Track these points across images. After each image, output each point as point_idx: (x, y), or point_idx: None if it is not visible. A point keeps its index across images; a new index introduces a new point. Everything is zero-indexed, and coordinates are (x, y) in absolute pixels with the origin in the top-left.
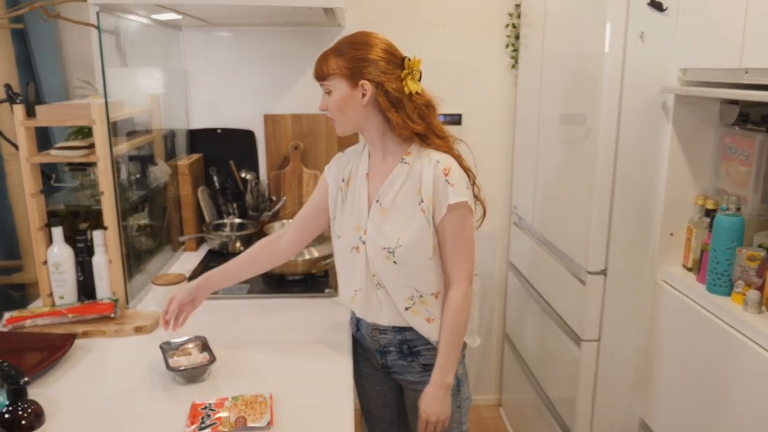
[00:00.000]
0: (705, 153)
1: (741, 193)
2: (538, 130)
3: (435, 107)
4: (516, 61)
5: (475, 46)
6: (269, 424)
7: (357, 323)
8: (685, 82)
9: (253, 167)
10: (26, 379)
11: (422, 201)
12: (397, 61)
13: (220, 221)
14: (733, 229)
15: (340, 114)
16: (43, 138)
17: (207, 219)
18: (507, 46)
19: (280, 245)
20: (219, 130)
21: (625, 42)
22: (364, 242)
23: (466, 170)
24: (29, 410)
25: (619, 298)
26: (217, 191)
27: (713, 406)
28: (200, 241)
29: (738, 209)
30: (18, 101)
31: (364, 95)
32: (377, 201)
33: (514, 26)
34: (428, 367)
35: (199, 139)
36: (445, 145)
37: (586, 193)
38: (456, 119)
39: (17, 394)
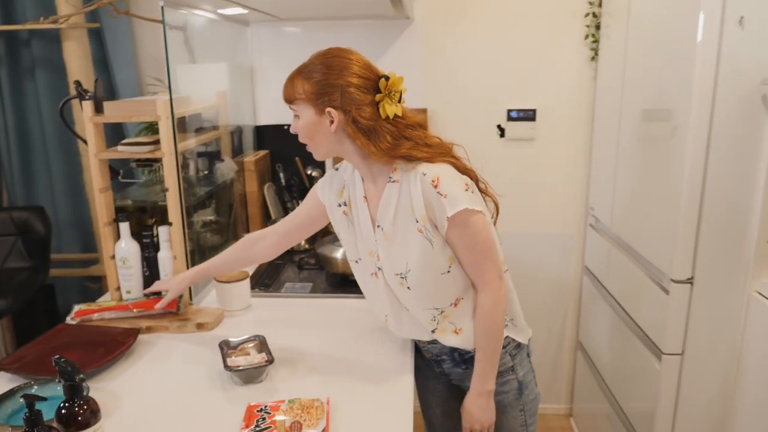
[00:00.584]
0: None
1: None
2: (620, 126)
3: (423, 125)
4: (596, 53)
5: (552, 37)
6: (324, 431)
7: None
8: None
9: (320, 164)
10: (82, 375)
11: (417, 221)
12: (370, 84)
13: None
14: None
15: (309, 140)
16: (118, 134)
17: (272, 216)
18: (586, 36)
19: (260, 249)
20: (286, 127)
21: (721, 28)
22: (380, 268)
23: (466, 170)
24: (85, 407)
25: (706, 310)
26: (283, 188)
27: None
28: None
29: None
30: (87, 98)
31: (331, 123)
32: (379, 226)
33: (594, 15)
34: None
35: (265, 135)
36: (436, 151)
37: (672, 194)
38: (530, 115)
39: (73, 391)
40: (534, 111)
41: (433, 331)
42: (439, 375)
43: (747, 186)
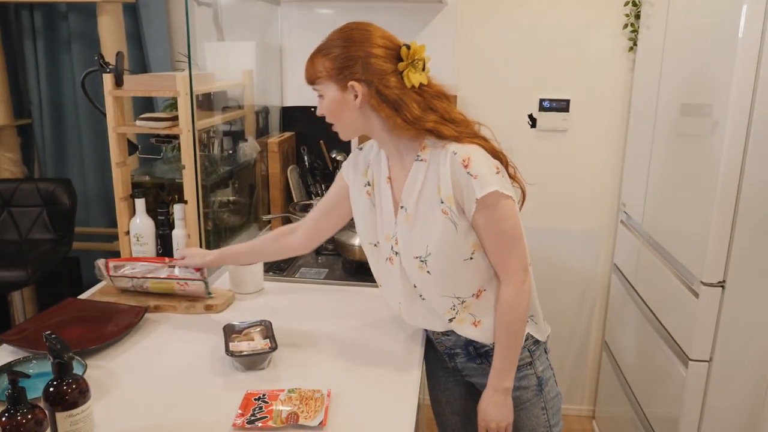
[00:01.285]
0: None
1: None
2: (656, 120)
3: (448, 96)
4: (634, 44)
5: (589, 25)
6: (321, 424)
7: None
8: None
9: (345, 148)
10: (71, 354)
11: (442, 201)
12: (391, 54)
13: (308, 202)
14: None
15: (336, 119)
16: (149, 110)
17: (295, 199)
18: (625, 26)
19: (292, 241)
20: (313, 109)
21: (764, 19)
22: (396, 253)
23: (495, 153)
24: (74, 386)
25: (737, 315)
26: (307, 171)
27: None
28: (286, 221)
29: None
30: (108, 71)
31: (355, 97)
32: (402, 207)
33: (634, 4)
34: None
35: (292, 117)
36: (463, 131)
37: (707, 193)
38: (563, 105)
39: (62, 369)
40: (567, 101)
41: (450, 320)
42: (452, 370)
43: None
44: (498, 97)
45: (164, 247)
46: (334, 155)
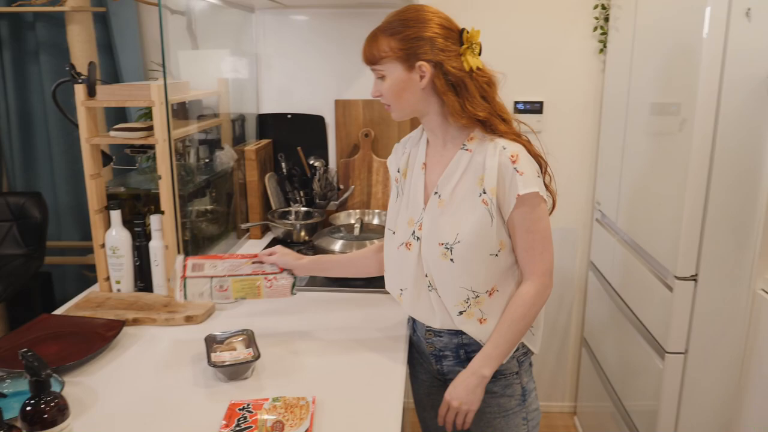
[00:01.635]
0: None
1: None
2: (627, 120)
3: (496, 84)
4: (604, 45)
5: (560, 28)
6: (308, 431)
7: (413, 324)
8: None
9: (322, 154)
10: (49, 371)
11: (484, 192)
12: (454, 36)
13: (286, 209)
14: None
15: (396, 100)
16: (121, 121)
17: (273, 206)
18: (595, 29)
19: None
20: (289, 116)
21: (728, 20)
22: (418, 238)
23: (537, 156)
24: (52, 404)
25: (710, 307)
26: (285, 178)
27: None
28: (266, 229)
29: None
30: (80, 81)
31: (422, 78)
32: (436, 193)
33: (603, 7)
34: None
35: (268, 124)
36: (510, 130)
37: (678, 190)
38: (537, 107)
39: (39, 387)
40: (541, 103)
41: (460, 313)
42: (437, 373)
43: (752, 181)
44: None
45: (141, 259)
46: (311, 161)
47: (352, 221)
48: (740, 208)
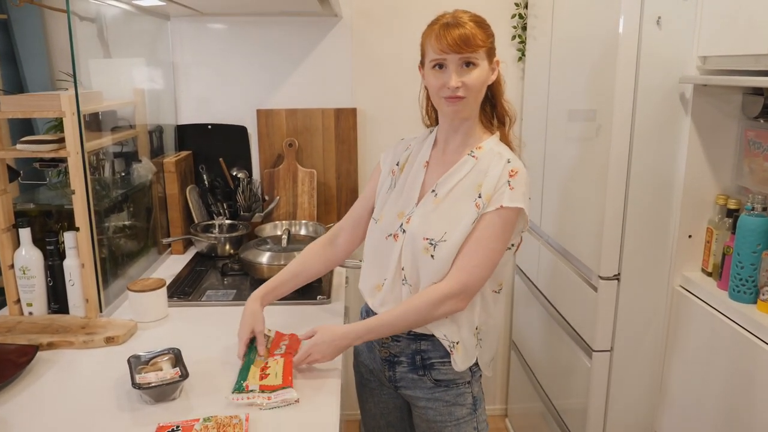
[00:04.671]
0: (726, 148)
1: (765, 191)
2: (546, 126)
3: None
4: (523, 54)
5: None
6: None
7: None
8: (706, 71)
9: (246, 165)
10: None
11: (480, 196)
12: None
13: (209, 222)
14: (760, 231)
15: (478, 92)
16: (28, 133)
17: (196, 219)
18: (513, 37)
19: (335, 251)
20: (209, 126)
21: (639, 29)
22: (404, 231)
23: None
24: None
25: (633, 305)
26: (207, 190)
27: (734, 421)
28: (189, 243)
29: (765, 209)
30: None
31: (492, 73)
32: (433, 191)
33: (521, 16)
34: (440, 383)
35: (188, 135)
36: (517, 150)
37: (598, 193)
38: None
39: None
40: None
41: None
42: (387, 381)
43: (667, 182)
44: (399, 110)
45: (55, 279)
46: (234, 173)
47: (279, 232)
48: (657, 209)
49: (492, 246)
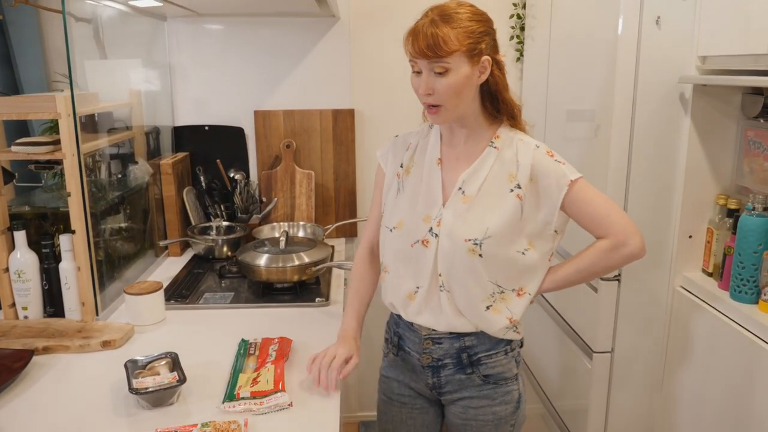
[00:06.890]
0: (726, 148)
1: (765, 191)
2: (545, 126)
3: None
4: (521, 54)
5: None
6: None
7: (398, 342)
8: (705, 71)
9: (243, 167)
10: None
11: (518, 187)
12: (494, 29)
13: (207, 224)
14: (760, 231)
15: (454, 98)
16: (24, 135)
17: (193, 222)
18: (511, 38)
19: (379, 261)
20: (206, 127)
21: (639, 29)
22: (436, 235)
23: None
24: None
25: (634, 306)
26: (204, 192)
27: (735, 421)
28: (186, 245)
29: (765, 209)
30: None
31: (481, 73)
32: (460, 189)
33: (518, 17)
34: (489, 378)
35: (185, 136)
36: (524, 131)
37: None
38: None
39: None
40: None
41: (487, 308)
42: (427, 390)
43: (667, 182)
44: (397, 111)
45: (51, 283)
46: (232, 174)
47: (277, 234)
48: (657, 208)
49: (600, 198)
